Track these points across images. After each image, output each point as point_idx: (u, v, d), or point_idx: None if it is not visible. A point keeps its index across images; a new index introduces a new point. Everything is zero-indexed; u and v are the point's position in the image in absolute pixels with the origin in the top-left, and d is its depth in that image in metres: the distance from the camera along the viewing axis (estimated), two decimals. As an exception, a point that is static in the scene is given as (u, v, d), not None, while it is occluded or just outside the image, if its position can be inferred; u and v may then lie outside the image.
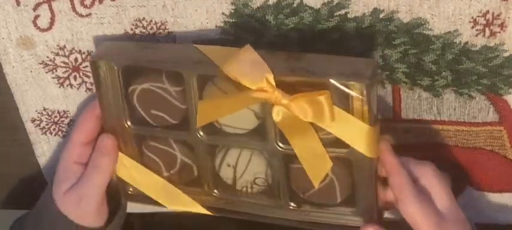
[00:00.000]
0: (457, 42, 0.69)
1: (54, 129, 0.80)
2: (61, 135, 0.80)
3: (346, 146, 0.64)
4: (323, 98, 0.61)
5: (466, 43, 0.69)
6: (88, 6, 0.71)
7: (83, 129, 0.72)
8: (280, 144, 0.67)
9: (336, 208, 0.70)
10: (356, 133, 0.63)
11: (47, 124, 0.80)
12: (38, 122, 0.80)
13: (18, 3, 0.71)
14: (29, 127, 0.80)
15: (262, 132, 0.67)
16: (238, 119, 0.67)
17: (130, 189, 0.75)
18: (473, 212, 0.75)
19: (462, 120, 0.74)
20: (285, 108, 0.62)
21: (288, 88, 0.62)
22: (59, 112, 0.79)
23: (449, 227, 0.66)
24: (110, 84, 0.68)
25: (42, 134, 0.81)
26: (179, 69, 0.65)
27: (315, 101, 0.61)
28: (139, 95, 0.68)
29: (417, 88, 0.73)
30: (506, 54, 0.69)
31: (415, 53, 0.70)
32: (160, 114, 0.69)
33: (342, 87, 0.61)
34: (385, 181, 0.67)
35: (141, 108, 0.69)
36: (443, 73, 0.71)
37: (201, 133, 0.69)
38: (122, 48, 0.69)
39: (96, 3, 0.70)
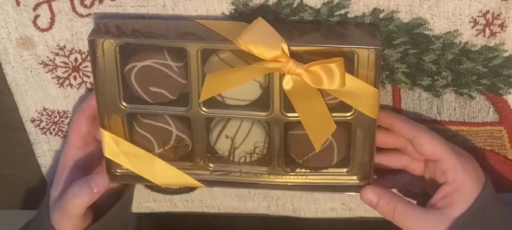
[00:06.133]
0: (457, 42, 0.69)
1: (54, 129, 0.80)
2: (61, 135, 0.80)
3: (350, 110, 0.68)
4: (336, 65, 0.63)
5: (466, 43, 0.69)
6: (88, 6, 0.70)
7: (78, 132, 0.74)
8: (285, 112, 0.69)
9: (331, 170, 0.73)
10: (363, 97, 0.66)
11: (47, 124, 0.80)
12: (38, 122, 0.80)
13: (18, 3, 0.71)
14: (29, 127, 0.80)
15: (265, 102, 0.69)
16: (243, 91, 0.68)
17: (118, 171, 0.75)
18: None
19: (462, 120, 0.74)
20: (296, 77, 0.64)
21: (298, 58, 0.64)
22: (59, 112, 0.79)
23: (462, 152, 0.71)
24: (106, 63, 0.68)
25: (42, 134, 0.81)
26: (184, 44, 0.66)
27: (328, 69, 0.63)
28: (137, 73, 0.68)
29: (417, 88, 0.73)
30: (506, 54, 0.69)
31: (415, 53, 0.70)
32: (160, 90, 0.69)
33: (352, 54, 0.65)
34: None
35: (138, 86, 0.69)
36: (443, 73, 0.71)
37: (203, 107, 0.70)
38: (121, 26, 0.68)
39: (96, 3, 0.70)
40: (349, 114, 0.69)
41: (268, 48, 0.63)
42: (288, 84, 0.65)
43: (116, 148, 0.72)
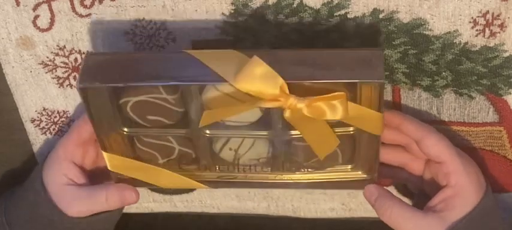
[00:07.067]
0: (457, 42, 0.68)
1: (54, 129, 0.80)
2: (61, 135, 0.80)
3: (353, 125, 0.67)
4: (339, 102, 0.61)
5: (466, 43, 0.68)
6: (88, 6, 0.70)
7: (80, 134, 0.74)
8: (286, 131, 0.68)
9: (336, 167, 0.73)
10: (366, 120, 0.65)
11: (46, 124, 0.80)
12: (38, 122, 0.80)
13: (18, 4, 0.71)
14: (29, 127, 0.80)
15: (266, 122, 0.68)
16: (243, 114, 0.67)
17: (124, 176, 0.74)
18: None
19: (462, 121, 0.74)
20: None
21: (298, 88, 0.62)
22: (58, 112, 0.79)
23: (466, 157, 0.70)
24: (100, 100, 0.66)
25: (42, 134, 0.81)
26: (177, 83, 0.64)
27: (330, 104, 0.62)
28: (133, 105, 0.68)
29: (417, 88, 0.73)
30: (506, 55, 0.69)
31: (415, 53, 0.70)
32: (157, 118, 0.69)
33: (356, 85, 0.62)
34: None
35: (135, 115, 0.69)
36: (443, 73, 0.71)
37: (204, 129, 0.69)
38: (111, 65, 0.65)
39: (96, 3, 0.70)
40: (351, 128, 0.68)
41: (266, 88, 0.61)
42: (288, 113, 0.63)
43: (119, 163, 0.73)
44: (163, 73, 0.64)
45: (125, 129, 0.70)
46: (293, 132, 0.68)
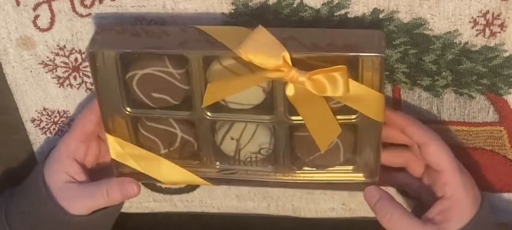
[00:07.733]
0: (457, 42, 0.69)
1: (54, 129, 0.80)
2: (61, 135, 0.80)
3: (354, 112, 0.67)
4: (340, 74, 0.62)
5: (466, 43, 0.69)
6: (88, 6, 0.71)
7: (83, 128, 0.74)
8: (289, 116, 0.69)
9: (338, 167, 0.73)
10: (368, 102, 0.65)
11: (47, 124, 0.80)
12: (38, 122, 0.80)
13: (18, 3, 0.71)
14: (29, 127, 0.80)
15: (269, 106, 0.68)
16: (245, 96, 0.68)
17: (125, 169, 0.75)
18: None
19: (462, 120, 0.74)
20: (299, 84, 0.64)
21: (300, 63, 0.63)
22: (59, 112, 0.79)
23: (464, 170, 0.70)
24: (107, 72, 0.67)
25: (42, 134, 0.81)
26: (184, 52, 0.66)
27: (331, 77, 0.62)
28: (139, 80, 0.68)
29: (417, 88, 0.73)
30: (506, 54, 0.69)
31: (415, 53, 0.70)
32: (162, 96, 0.69)
33: (356, 58, 0.63)
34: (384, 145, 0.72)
35: (140, 92, 0.69)
36: (443, 73, 0.71)
37: (206, 111, 0.69)
38: (120, 35, 0.68)
39: (96, 3, 0.70)
40: (354, 116, 0.68)
41: (269, 58, 0.62)
42: (290, 91, 0.64)
43: (121, 150, 0.73)
44: (171, 44, 0.66)
45: (128, 109, 0.70)
46: (295, 118, 0.69)
